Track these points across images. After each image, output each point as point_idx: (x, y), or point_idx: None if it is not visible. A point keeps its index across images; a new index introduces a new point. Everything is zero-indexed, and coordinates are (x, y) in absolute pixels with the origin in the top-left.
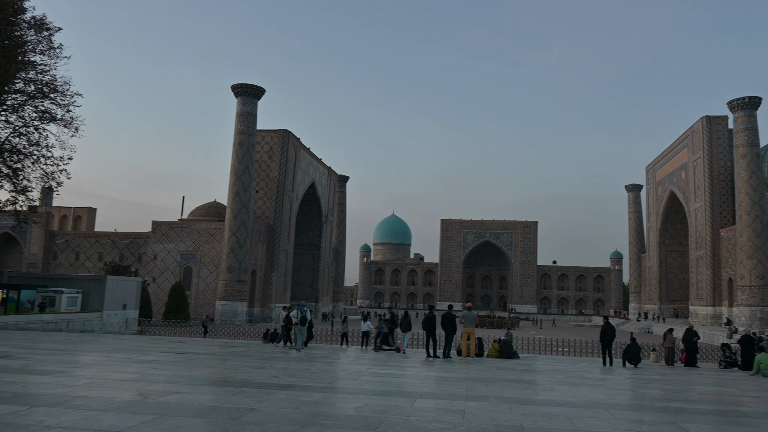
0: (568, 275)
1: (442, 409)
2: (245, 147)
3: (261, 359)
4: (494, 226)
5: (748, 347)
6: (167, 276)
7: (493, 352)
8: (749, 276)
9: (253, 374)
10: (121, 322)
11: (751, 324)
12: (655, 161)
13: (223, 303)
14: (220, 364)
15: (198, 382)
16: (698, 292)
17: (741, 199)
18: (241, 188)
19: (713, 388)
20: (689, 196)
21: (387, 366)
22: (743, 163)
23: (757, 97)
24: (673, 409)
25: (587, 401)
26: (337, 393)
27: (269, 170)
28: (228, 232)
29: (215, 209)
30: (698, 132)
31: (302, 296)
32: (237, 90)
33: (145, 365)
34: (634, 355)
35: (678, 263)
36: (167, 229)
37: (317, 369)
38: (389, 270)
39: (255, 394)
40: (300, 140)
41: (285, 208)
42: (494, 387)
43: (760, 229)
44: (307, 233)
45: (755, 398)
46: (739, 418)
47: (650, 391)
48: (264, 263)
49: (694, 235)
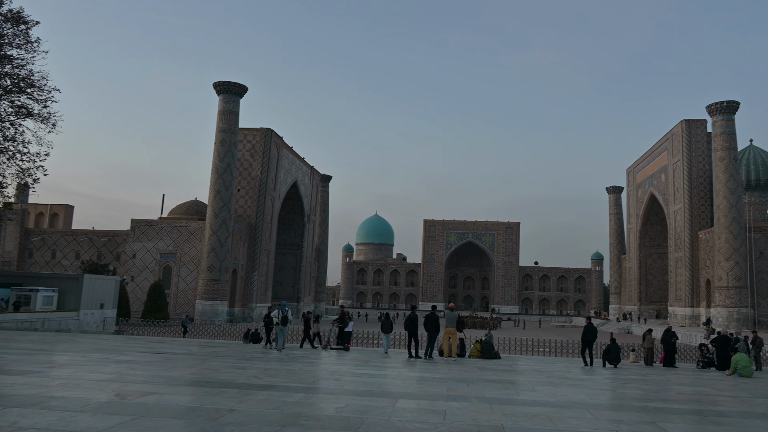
0: (550, 276)
1: (424, 409)
2: (227, 145)
3: (241, 359)
4: (477, 227)
5: (723, 347)
6: (146, 275)
7: (475, 353)
8: (726, 277)
9: (233, 374)
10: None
11: (728, 325)
12: (635, 163)
13: (203, 302)
14: (200, 364)
15: (177, 383)
16: (677, 293)
17: (719, 201)
18: (222, 187)
19: (691, 388)
20: (669, 199)
21: (368, 366)
22: (721, 166)
23: (735, 102)
24: (651, 409)
25: (567, 401)
26: (318, 393)
27: (251, 169)
28: (209, 230)
29: (196, 208)
30: (678, 135)
31: (284, 296)
32: (219, 87)
33: (123, 365)
34: (614, 355)
35: (657, 265)
36: (147, 227)
37: (298, 369)
38: (372, 270)
39: (235, 395)
40: (282, 139)
41: (267, 207)
42: (475, 387)
43: (738, 232)
44: (289, 233)
45: (732, 398)
46: (717, 417)
47: (629, 391)
48: (245, 262)
49: (673, 237)
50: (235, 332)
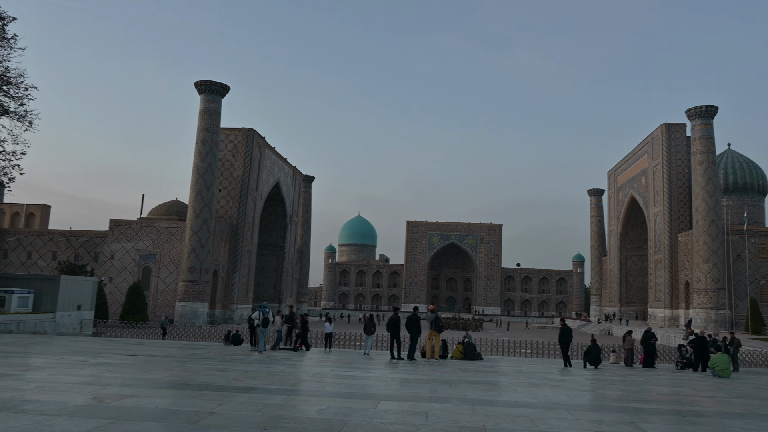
0: (532, 278)
1: (406, 410)
2: (208, 145)
3: (222, 362)
4: (459, 229)
5: (701, 348)
6: (125, 276)
7: (457, 354)
8: (705, 279)
9: (213, 377)
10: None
11: (706, 326)
12: (616, 166)
13: (183, 304)
14: (180, 366)
15: (156, 385)
16: (656, 295)
17: (698, 204)
18: (203, 187)
19: (670, 388)
20: (649, 201)
21: (351, 368)
22: (700, 169)
23: (713, 106)
24: (631, 410)
25: (549, 402)
26: (300, 396)
27: (233, 169)
28: (189, 231)
29: (176, 208)
30: (658, 139)
31: (265, 297)
32: (200, 87)
33: (100, 368)
34: (594, 356)
35: (638, 266)
36: (126, 227)
37: (279, 371)
38: (354, 271)
39: (215, 397)
40: (265, 139)
41: (249, 207)
42: (458, 389)
43: (716, 234)
44: (271, 233)
45: (710, 398)
46: (695, 417)
47: (609, 392)
48: (226, 263)
49: (653, 239)
50: (216, 334)
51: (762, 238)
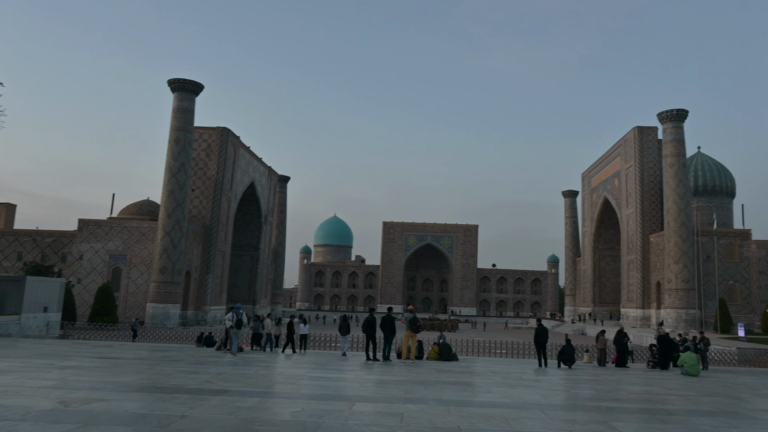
0: (507, 278)
1: (381, 412)
2: (181, 144)
3: (194, 364)
4: (436, 229)
5: (665, 347)
6: (94, 277)
7: (433, 355)
8: (675, 279)
9: (185, 379)
10: (42, 325)
11: (677, 326)
12: (590, 168)
13: (154, 305)
14: (150, 369)
15: (125, 389)
16: (629, 295)
17: (669, 206)
18: (176, 186)
19: (641, 387)
20: (621, 203)
21: (326, 370)
22: (671, 172)
23: (684, 110)
24: (604, 409)
25: (523, 402)
26: (274, 398)
27: (207, 168)
28: (161, 231)
29: (148, 208)
30: (630, 141)
31: (239, 298)
32: (174, 85)
33: (67, 371)
34: (568, 356)
35: (611, 267)
36: (95, 227)
37: (253, 373)
38: (330, 272)
39: (187, 400)
40: (240, 139)
41: (223, 207)
42: (433, 389)
43: (686, 235)
44: (246, 234)
45: (680, 397)
46: (665, 416)
47: (583, 392)
48: (199, 264)
49: (626, 240)
50: (188, 336)
51: (730, 240)
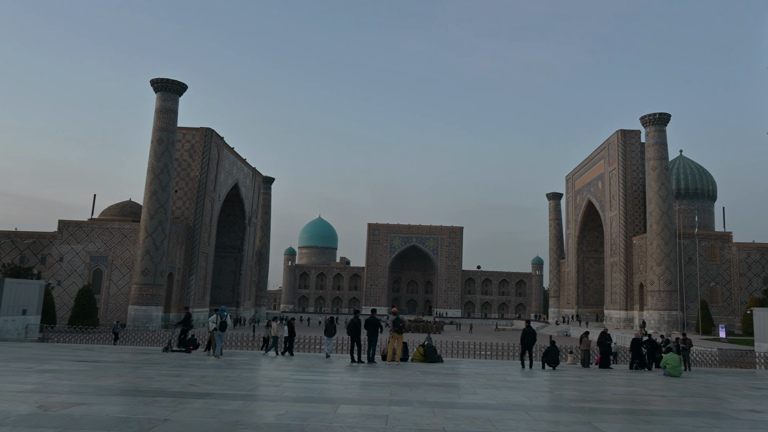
0: (492, 280)
1: (366, 414)
2: (164, 144)
3: (177, 367)
4: (421, 231)
5: (637, 348)
6: (74, 279)
7: (418, 357)
8: (658, 281)
9: (167, 383)
10: (20, 328)
11: (659, 327)
12: (574, 171)
13: (136, 308)
14: (132, 372)
15: (106, 392)
16: (612, 297)
17: (651, 208)
18: (159, 187)
19: (624, 388)
20: (605, 205)
21: (310, 372)
22: (654, 175)
23: (666, 114)
24: (587, 410)
25: (508, 404)
26: (258, 401)
27: (190, 169)
28: (144, 233)
29: (130, 209)
30: (614, 144)
31: (223, 301)
32: (157, 85)
33: (47, 375)
34: (553, 357)
35: (594, 269)
36: (76, 228)
37: (237, 376)
38: (314, 274)
39: (169, 404)
40: (223, 139)
41: (206, 209)
42: (418, 391)
43: (668, 237)
44: (230, 235)
45: (662, 397)
46: (648, 416)
47: (567, 393)
48: (182, 266)
49: (609, 242)
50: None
51: (712, 242)
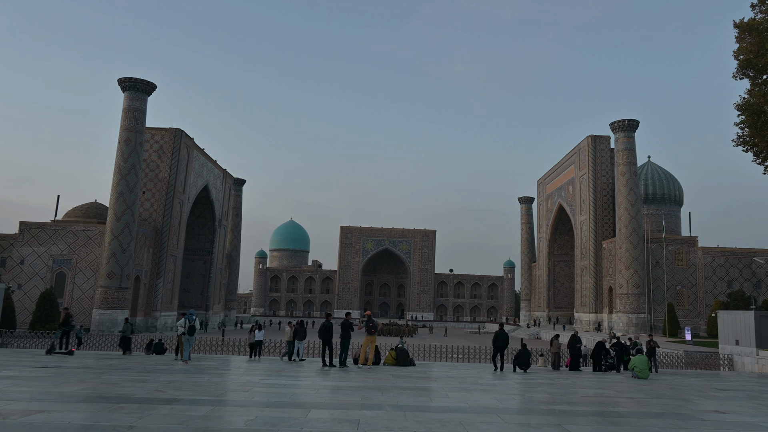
0: (464, 283)
1: (337, 419)
2: (132, 145)
3: (143, 372)
4: (394, 234)
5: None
6: (36, 282)
7: (390, 360)
8: (626, 285)
9: (133, 388)
10: None
11: (627, 330)
12: (545, 175)
13: (101, 312)
14: (96, 378)
15: (69, 399)
16: (582, 300)
17: (620, 213)
18: (126, 188)
19: (594, 390)
20: (576, 210)
21: (281, 376)
22: (623, 180)
23: (635, 120)
24: (558, 412)
25: (479, 407)
26: (227, 406)
27: (158, 171)
28: (110, 235)
29: (95, 210)
30: (584, 150)
31: (192, 304)
32: (124, 84)
33: (6, 381)
34: (524, 360)
35: (565, 272)
36: (38, 230)
37: (205, 381)
38: (286, 277)
39: (135, 410)
40: (193, 140)
41: (175, 210)
42: (390, 395)
43: (637, 242)
44: (199, 238)
45: (630, 399)
46: (616, 418)
47: (538, 395)
48: (149, 269)
49: (580, 246)
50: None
51: (678, 246)
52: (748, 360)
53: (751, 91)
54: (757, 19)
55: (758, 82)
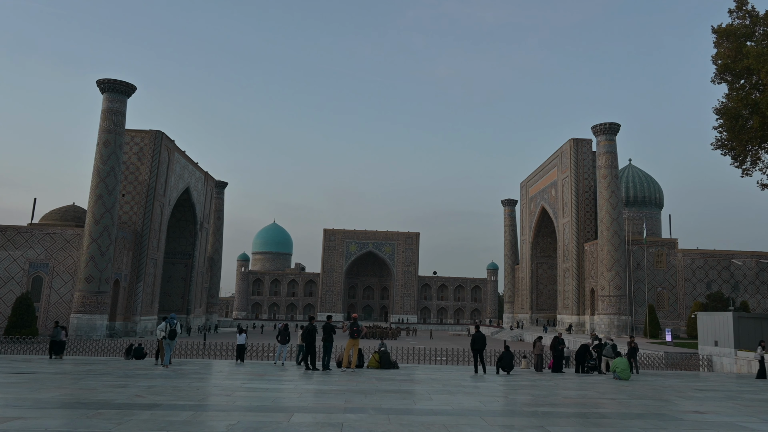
0: (448, 286)
1: (320, 423)
2: (111, 147)
3: (122, 377)
4: (377, 237)
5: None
6: (12, 286)
7: (374, 363)
8: (608, 286)
9: (112, 394)
10: None
11: (609, 331)
12: (528, 178)
13: (79, 316)
14: (74, 384)
15: (45, 405)
16: (565, 302)
17: (602, 215)
18: (105, 191)
19: (576, 392)
20: (558, 212)
21: (263, 380)
22: (604, 183)
23: (616, 124)
24: (540, 414)
25: (462, 409)
26: (208, 411)
27: (138, 173)
28: (88, 238)
29: (73, 213)
30: (566, 152)
31: (172, 308)
32: (103, 85)
33: None
34: (507, 362)
35: (548, 274)
36: (13, 234)
37: (186, 386)
38: (268, 280)
39: (114, 416)
40: (174, 142)
41: (155, 213)
42: (373, 398)
43: (618, 244)
44: (180, 241)
45: (612, 400)
46: (598, 419)
47: (521, 397)
48: (129, 273)
49: (562, 248)
50: (116, 348)
51: (659, 248)
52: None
53: (729, 96)
54: (734, 24)
55: (736, 87)
